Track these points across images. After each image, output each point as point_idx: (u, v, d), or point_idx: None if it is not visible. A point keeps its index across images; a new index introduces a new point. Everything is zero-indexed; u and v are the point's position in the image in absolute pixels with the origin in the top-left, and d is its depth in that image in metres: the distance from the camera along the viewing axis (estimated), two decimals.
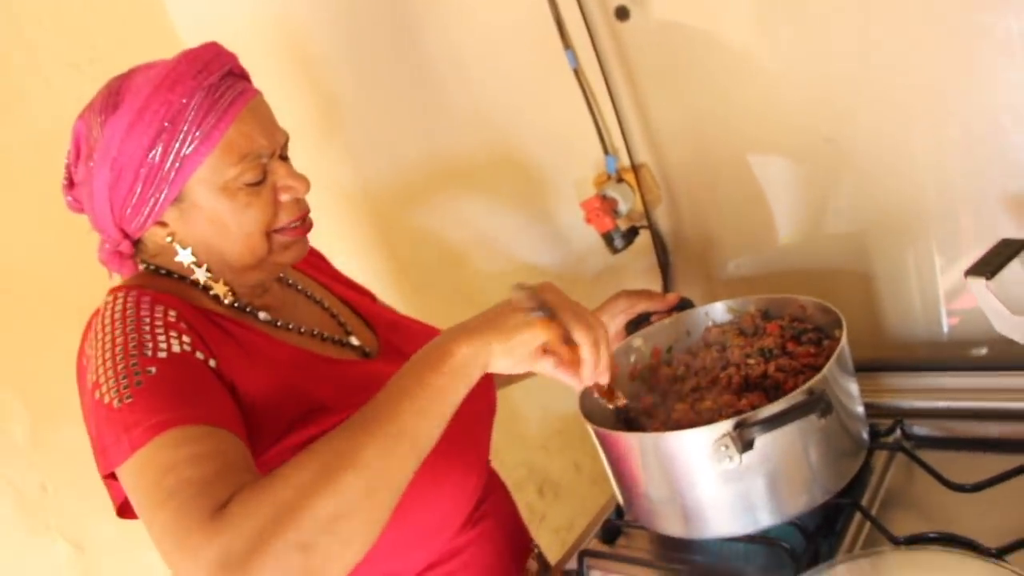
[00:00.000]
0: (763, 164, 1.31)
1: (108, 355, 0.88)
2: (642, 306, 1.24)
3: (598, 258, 1.52)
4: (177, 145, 0.92)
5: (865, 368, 1.22)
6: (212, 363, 0.91)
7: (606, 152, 1.41)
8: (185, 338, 0.90)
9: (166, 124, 0.92)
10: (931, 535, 0.91)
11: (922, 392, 1.18)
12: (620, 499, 1.09)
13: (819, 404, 0.89)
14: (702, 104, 1.31)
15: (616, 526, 1.16)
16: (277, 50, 1.71)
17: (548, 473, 1.87)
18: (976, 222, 1.06)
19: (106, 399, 0.85)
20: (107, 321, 0.92)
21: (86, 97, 1.65)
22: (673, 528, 1.03)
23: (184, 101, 0.92)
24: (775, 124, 1.25)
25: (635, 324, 1.25)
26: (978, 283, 0.92)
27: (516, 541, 1.18)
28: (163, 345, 0.89)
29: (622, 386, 1.19)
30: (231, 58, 0.98)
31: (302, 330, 1.07)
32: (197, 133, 0.92)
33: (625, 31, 1.31)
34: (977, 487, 0.96)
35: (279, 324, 1.05)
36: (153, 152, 0.92)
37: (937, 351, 1.24)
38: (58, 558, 1.54)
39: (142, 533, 1.65)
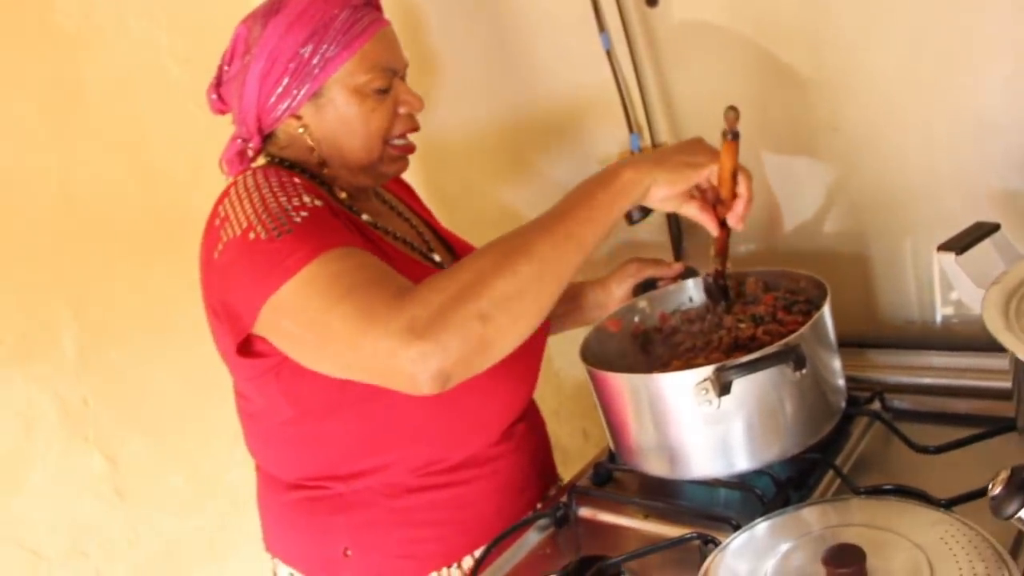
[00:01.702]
0: (774, 150, 1.39)
1: (258, 206, 1.00)
2: (649, 271, 1.34)
3: (616, 229, 1.59)
4: (325, 46, 1.08)
5: (855, 344, 1.31)
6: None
7: (631, 130, 1.50)
8: (318, 201, 1.03)
9: (319, 27, 1.07)
10: (888, 487, 0.99)
11: (905, 369, 1.26)
12: (611, 441, 1.18)
13: (791, 355, 0.98)
14: (721, 90, 1.39)
15: (608, 469, 1.25)
16: None
17: (558, 438, 1.95)
18: (963, 211, 1.13)
19: (263, 235, 0.96)
20: (249, 185, 1.05)
21: (160, 46, 1.79)
22: (657, 468, 1.11)
23: (335, 12, 1.08)
24: (785, 112, 1.33)
25: (642, 288, 1.35)
26: (948, 257, 0.99)
27: (543, 469, 1.30)
28: (307, 200, 1.02)
29: (625, 342, 1.29)
30: None
31: (397, 235, 1.20)
32: (343, 39, 1.08)
33: (654, 17, 1.40)
34: (939, 449, 1.04)
35: (379, 226, 1.18)
36: (304, 48, 1.08)
37: (928, 333, 1.32)
38: (93, 469, 1.64)
39: (169, 454, 1.77)
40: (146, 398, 1.72)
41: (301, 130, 1.13)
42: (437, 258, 1.25)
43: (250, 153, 1.17)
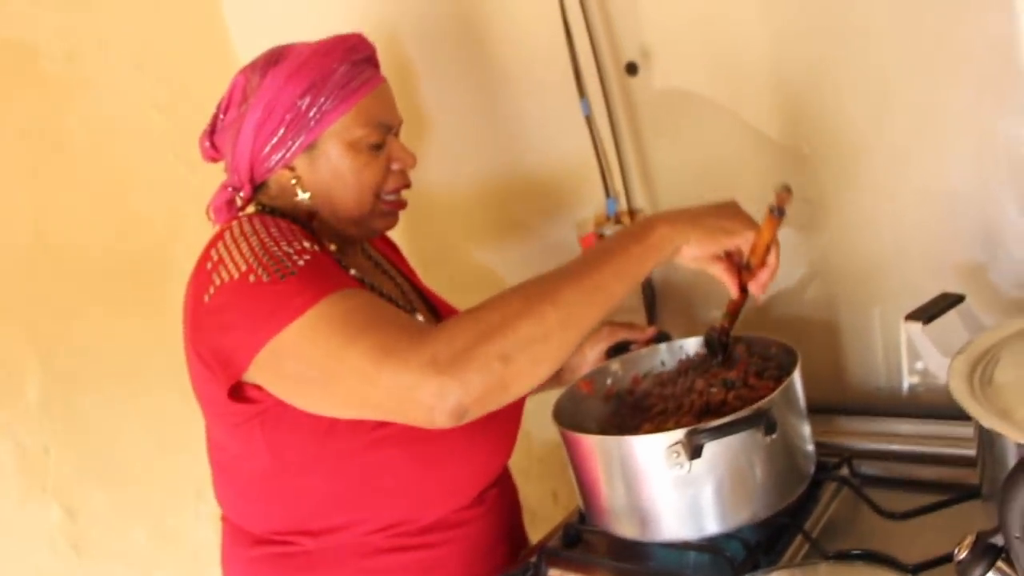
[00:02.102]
0: None
1: (258, 249, 1.00)
2: (622, 335, 1.36)
3: None
4: (322, 99, 1.10)
5: (825, 410, 1.33)
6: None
7: (607, 195, 1.53)
8: (317, 247, 1.03)
9: (317, 80, 1.09)
10: (856, 552, 0.99)
11: (873, 435, 1.27)
12: (581, 502, 1.18)
13: (762, 420, 0.99)
14: (697, 158, 1.43)
15: (577, 530, 1.24)
16: None
17: (527, 500, 1.93)
18: (930, 282, 1.16)
19: (264, 278, 0.96)
20: (246, 230, 1.05)
21: (143, 94, 1.80)
22: (628, 530, 1.10)
23: (335, 67, 1.10)
24: (759, 180, 1.36)
25: (615, 351, 1.36)
26: (915, 327, 1.02)
27: (513, 533, 1.29)
28: (307, 244, 1.02)
29: (597, 404, 1.30)
30: (372, 49, 1.18)
31: (383, 292, 1.20)
32: (340, 93, 1.10)
33: (633, 85, 1.44)
34: (905, 515, 1.05)
35: (365, 281, 1.18)
36: (302, 101, 1.09)
37: (895, 400, 1.34)
38: (50, 521, 1.60)
39: (132, 508, 1.73)
40: (110, 449, 1.69)
41: (294, 181, 1.14)
42: (420, 317, 1.25)
43: (239, 202, 1.17)
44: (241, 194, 1.16)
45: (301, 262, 0.98)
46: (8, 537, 1.55)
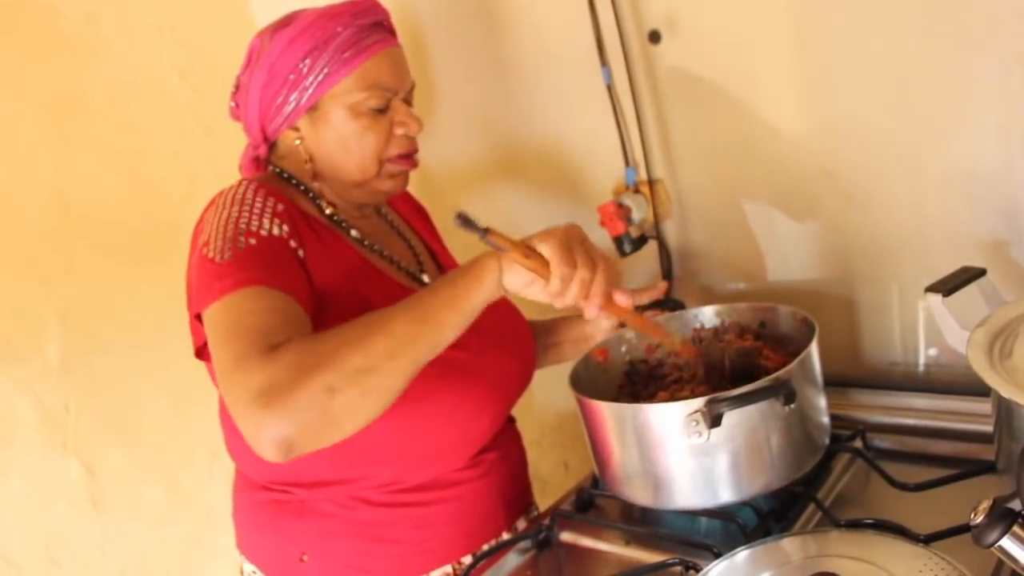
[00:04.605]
0: (767, 192, 1.42)
1: (221, 223, 1.06)
2: (634, 299, 1.35)
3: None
4: (323, 61, 1.11)
5: (840, 383, 1.33)
6: (300, 253, 1.08)
7: (627, 164, 1.52)
8: (285, 227, 1.08)
9: (320, 43, 1.11)
10: (868, 521, 1.00)
11: (887, 409, 1.28)
12: (596, 468, 1.19)
13: (782, 389, 1.00)
14: (718, 130, 1.43)
15: (591, 495, 1.26)
16: None
17: (537, 469, 1.96)
18: (950, 259, 1.15)
19: (210, 254, 1.02)
20: (228, 199, 1.11)
21: (162, 57, 1.81)
22: (641, 497, 1.11)
23: (339, 30, 1.12)
24: (781, 155, 1.36)
25: None
26: (935, 299, 1.02)
27: (514, 499, 1.30)
28: (266, 225, 1.07)
29: (615, 373, 1.30)
30: (384, 13, 1.18)
31: (384, 253, 1.23)
32: (342, 56, 1.11)
33: (656, 54, 1.43)
34: (918, 487, 1.06)
35: (366, 243, 1.21)
36: (304, 63, 1.12)
37: (911, 375, 1.34)
38: (70, 477, 1.63)
39: (148, 465, 1.76)
40: (128, 408, 1.71)
41: (298, 142, 1.17)
42: (426, 278, 1.27)
43: (261, 156, 1.22)
44: (260, 152, 1.21)
45: (243, 246, 1.02)
46: (31, 491, 1.58)
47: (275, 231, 1.07)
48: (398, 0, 1.79)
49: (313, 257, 1.10)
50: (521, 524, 1.31)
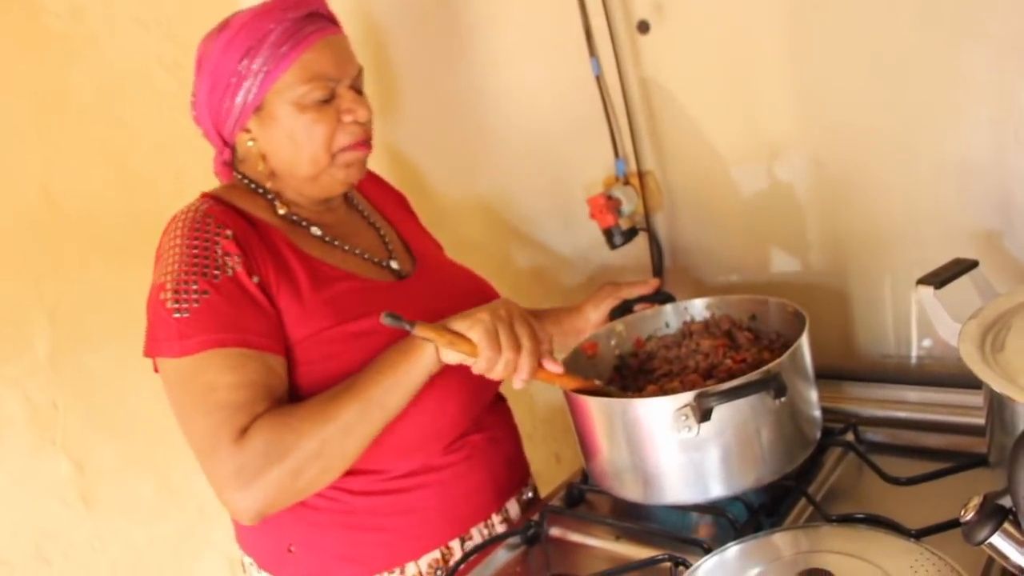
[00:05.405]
0: (759, 183, 1.40)
1: (175, 264, 1.09)
2: (624, 292, 1.36)
3: (598, 253, 1.62)
4: (260, 60, 1.11)
5: (832, 376, 1.32)
6: (256, 279, 1.11)
7: (616, 156, 1.51)
8: (236, 258, 1.10)
9: (254, 43, 1.11)
10: (859, 516, 0.99)
11: (880, 402, 1.27)
12: (585, 464, 1.18)
13: (773, 383, 0.99)
14: (708, 121, 1.41)
15: (580, 490, 1.25)
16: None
17: (529, 461, 1.95)
18: (943, 251, 1.14)
19: (167, 304, 1.07)
20: (181, 226, 1.12)
21: (147, 51, 1.79)
22: (631, 493, 1.10)
23: (271, 26, 1.11)
24: (773, 146, 1.35)
25: (620, 312, 1.35)
26: (927, 291, 1.01)
27: (502, 480, 1.29)
28: (218, 264, 1.09)
29: (605, 367, 1.29)
30: (319, 2, 1.17)
31: (347, 248, 1.23)
32: (278, 52, 1.11)
33: (645, 44, 1.42)
34: (910, 481, 1.05)
35: (327, 239, 1.22)
36: (242, 64, 1.11)
37: (903, 368, 1.33)
38: (60, 474, 1.62)
39: (138, 461, 1.75)
40: (118, 404, 1.70)
41: (251, 143, 1.17)
42: (395, 265, 1.27)
43: (227, 160, 1.22)
44: (224, 157, 1.21)
45: (197, 303, 1.06)
46: (20, 490, 1.57)
47: (228, 271, 1.09)
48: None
49: (268, 279, 1.12)
50: (512, 507, 1.31)
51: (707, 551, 0.98)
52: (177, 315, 1.06)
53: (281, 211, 1.20)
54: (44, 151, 1.61)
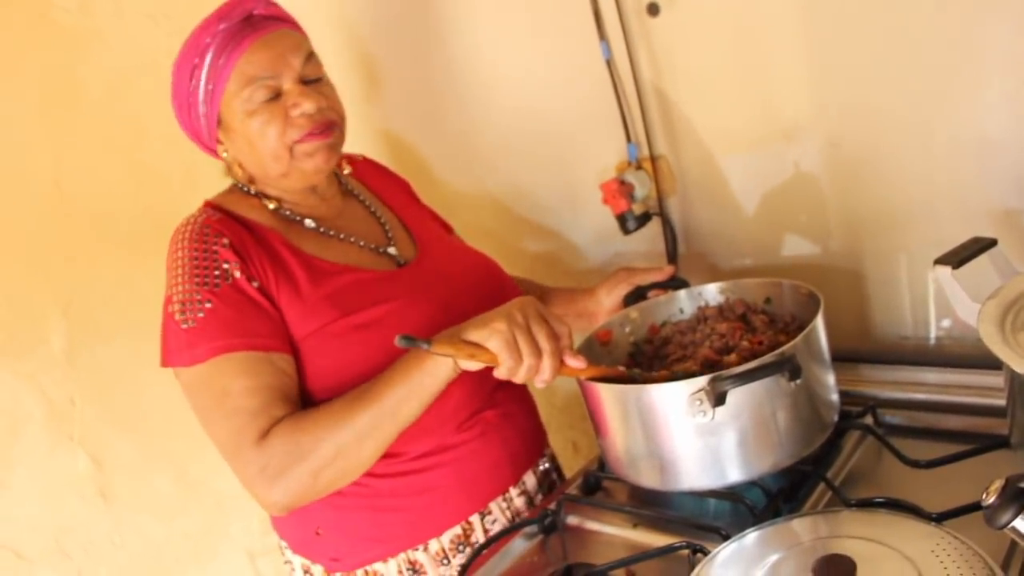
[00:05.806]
0: (773, 165, 1.38)
1: (179, 277, 1.13)
2: (638, 278, 1.35)
3: (611, 239, 1.60)
4: (204, 77, 1.13)
5: (850, 359, 1.31)
6: (255, 284, 1.14)
7: (628, 140, 1.50)
8: (235, 265, 1.13)
9: (196, 61, 1.13)
10: (879, 500, 0.98)
11: (898, 384, 1.25)
12: (602, 451, 1.17)
13: (787, 365, 0.97)
14: (720, 103, 1.39)
15: (597, 478, 1.24)
16: (328, 20, 1.82)
17: None
18: (960, 231, 1.12)
19: (176, 316, 1.11)
20: (181, 243, 1.15)
21: (157, 47, 1.79)
22: (648, 480, 1.10)
23: (207, 41, 1.12)
24: (787, 127, 1.33)
25: (633, 298, 1.34)
26: (944, 271, 0.99)
27: (519, 451, 1.30)
28: (219, 274, 1.12)
29: (619, 354, 1.28)
30: (254, 4, 1.16)
31: (342, 236, 1.25)
32: (218, 64, 1.12)
33: (655, 27, 1.40)
34: (930, 464, 1.04)
35: (323, 230, 1.24)
36: (192, 83, 1.14)
37: (921, 349, 1.31)
38: (78, 469, 1.63)
39: (156, 456, 1.76)
40: (134, 399, 1.71)
41: (225, 154, 1.22)
42: (393, 251, 1.28)
43: None
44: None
45: (202, 312, 1.10)
46: (39, 485, 1.58)
47: (228, 278, 1.13)
48: None
49: (267, 282, 1.15)
50: (529, 479, 1.32)
51: (725, 537, 0.97)
52: (185, 326, 1.10)
53: (271, 206, 1.22)
54: (55, 146, 1.62)
